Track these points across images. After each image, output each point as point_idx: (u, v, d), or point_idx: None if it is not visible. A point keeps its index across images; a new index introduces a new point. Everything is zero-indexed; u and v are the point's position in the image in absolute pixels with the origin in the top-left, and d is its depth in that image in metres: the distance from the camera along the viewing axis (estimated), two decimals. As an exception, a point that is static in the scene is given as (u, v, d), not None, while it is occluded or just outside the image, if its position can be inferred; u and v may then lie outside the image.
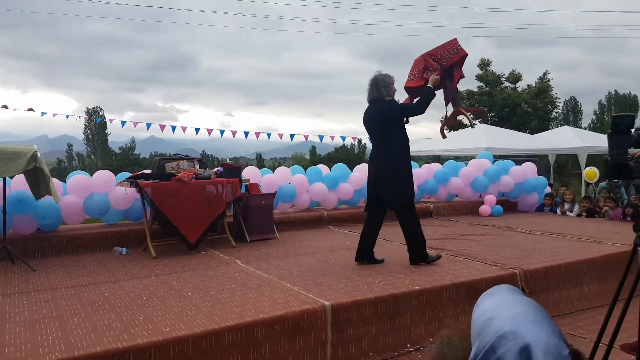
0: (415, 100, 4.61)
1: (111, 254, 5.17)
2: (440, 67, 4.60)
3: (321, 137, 15.48)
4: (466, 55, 4.70)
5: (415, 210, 4.58)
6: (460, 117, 5.00)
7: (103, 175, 5.92)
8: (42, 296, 3.57)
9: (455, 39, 4.74)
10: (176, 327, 2.83)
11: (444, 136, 5.37)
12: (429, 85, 4.46)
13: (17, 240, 5.01)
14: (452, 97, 4.81)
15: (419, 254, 4.48)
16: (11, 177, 5.09)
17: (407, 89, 4.76)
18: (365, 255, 4.56)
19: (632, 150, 2.10)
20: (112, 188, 5.77)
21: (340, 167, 7.80)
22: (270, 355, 2.98)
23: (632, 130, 2.05)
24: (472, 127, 6.00)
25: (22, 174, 4.69)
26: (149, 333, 2.74)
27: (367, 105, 4.60)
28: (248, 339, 2.91)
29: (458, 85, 4.93)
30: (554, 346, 0.84)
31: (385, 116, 4.44)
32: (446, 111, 4.91)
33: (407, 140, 4.50)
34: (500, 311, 0.93)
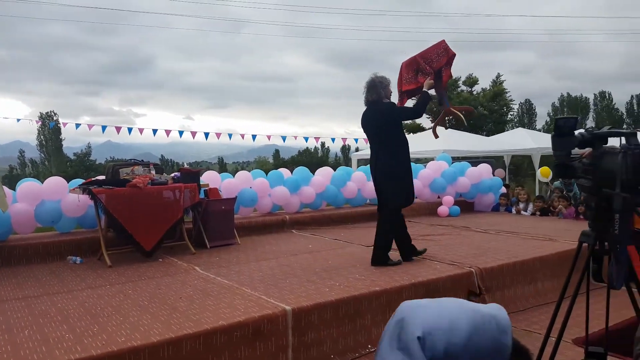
0: (412, 103, 4.74)
1: (64, 264, 4.99)
2: (432, 69, 4.69)
3: (284, 138, 15.41)
4: (454, 55, 4.80)
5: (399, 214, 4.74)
6: (450, 117, 5.11)
7: (54, 182, 5.71)
8: (-10, 309, 3.41)
9: (444, 40, 4.84)
10: (132, 337, 2.76)
11: (436, 136, 5.48)
12: (424, 89, 4.60)
13: (-38, 252, 4.77)
14: (440, 97, 4.92)
15: (383, 258, 4.55)
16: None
17: (404, 92, 4.83)
18: (406, 252, 4.70)
19: (580, 151, 2.19)
20: (64, 195, 5.57)
21: (301, 170, 7.80)
22: (230, 363, 2.94)
23: (577, 131, 2.14)
24: (465, 125, 6.12)
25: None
26: (103, 344, 2.66)
27: (365, 107, 4.66)
28: (207, 346, 2.86)
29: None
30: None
31: (386, 118, 4.54)
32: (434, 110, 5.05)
33: (406, 141, 4.63)
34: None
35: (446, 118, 5.19)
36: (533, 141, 13.68)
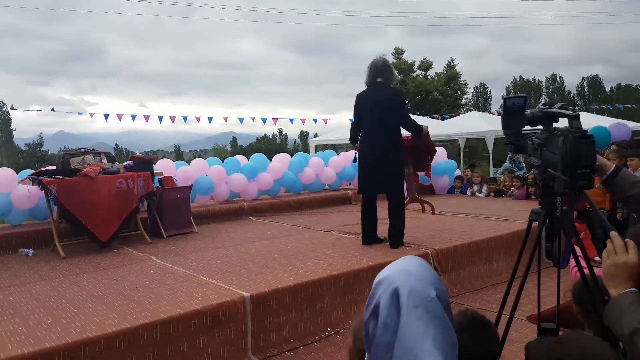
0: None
1: (16, 256, 4.85)
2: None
3: (241, 120, 15.16)
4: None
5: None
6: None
7: (2, 173, 5.50)
8: (-64, 306, 3.28)
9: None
10: (87, 328, 2.73)
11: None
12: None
13: None
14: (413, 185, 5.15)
15: (401, 237, 4.71)
16: None
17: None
18: (372, 237, 4.76)
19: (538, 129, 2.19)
20: (13, 187, 5.37)
21: (258, 157, 7.79)
22: (188, 351, 2.96)
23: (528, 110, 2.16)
24: (433, 213, 6.60)
25: None
26: (57, 336, 2.62)
27: (367, 88, 4.60)
28: (164, 335, 2.86)
29: None
30: (421, 289, 0.89)
31: (395, 105, 4.56)
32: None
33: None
34: (387, 267, 0.99)
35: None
36: (487, 124, 14.05)
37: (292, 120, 18.75)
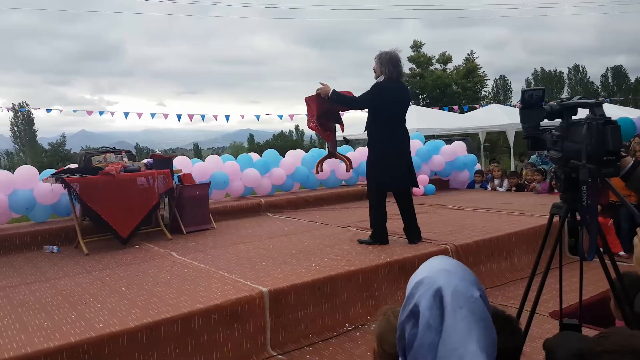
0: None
1: (41, 253, 4.97)
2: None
3: (258, 117, 15.26)
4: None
5: None
6: (332, 160, 5.29)
7: (26, 170, 5.68)
8: (-33, 301, 3.39)
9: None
10: (110, 323, 2.79)
11: (317, 172, 5.55)
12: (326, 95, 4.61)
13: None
14: (332, 141, 5.06)
15: (419, 231, 4.69)
16: None
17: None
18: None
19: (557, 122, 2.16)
20: (36, 183, 5.52)
21: (270, 152, 7.88)
22: (208, 345, 3.00)
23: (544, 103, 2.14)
24: (348, 171, 6.47)
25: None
26: (81, 331, 2.69)
27: (390, 82, 4.45)
28: (185, 330, 2.91)
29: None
30: (465, 289, 0.91)
31: (409, 99, 4.65)
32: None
33: None
34: (422, 267, 0.99)
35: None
36: (507, 117, 13.82)
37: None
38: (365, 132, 4.65)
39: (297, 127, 54.14)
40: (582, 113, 2.04)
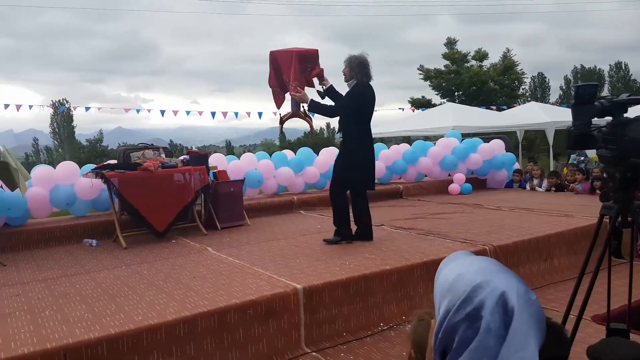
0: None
1: (81, 246, 5.10)
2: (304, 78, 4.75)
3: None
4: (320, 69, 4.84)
5: None
6: (295, 119, 5.15)
7: (67, 166, 5.84)
8: (13, 290, 3.52)
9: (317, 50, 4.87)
10: (148, 315, 2.83)
11: (281, 131, 5.45)
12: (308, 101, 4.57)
13: (-16, 237, 4.90)
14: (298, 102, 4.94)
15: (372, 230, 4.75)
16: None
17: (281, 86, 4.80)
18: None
19: (608, 119, 2.09)
20: (76, 179, 5.68)
21: (305, 150, 7.83)
22: (244, 340, 3.01)
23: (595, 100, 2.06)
24: (311, 133, 6.24)
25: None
26: (121, 323, 2.73)
27: (368, 85, 4.56)
28: (221, 324, 2.92)
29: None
30: (524, 292, 0.90)
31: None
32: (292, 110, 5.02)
33: None
34: (467, 268, 0.96)
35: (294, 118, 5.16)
36: (546, 115, 13.41)
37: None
38: (340, 132, 4.67)
39: (328, 125, 54.17)
40: (632, 112, 1.96)
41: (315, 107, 4.61)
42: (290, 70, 4.66)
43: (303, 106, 4.77)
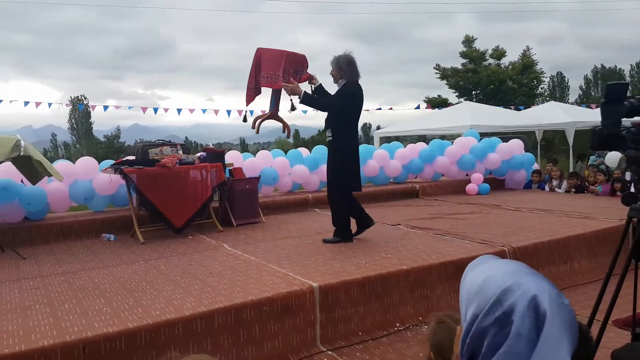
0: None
1: (99, 241, 5.16)
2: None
3: (305, 111, 15.31)
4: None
5: None
6: (271, 121, 5.08)
7: (86, 161, 5.91)
8: (33, 283, 3.57)
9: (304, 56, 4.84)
10: (166, 310, 2.85)
11: (252, 125, 5.32)
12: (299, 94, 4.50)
13: (5, 230, 4.99)
14: (277, 99, 4.86)
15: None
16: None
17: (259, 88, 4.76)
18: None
19: (636, 119, 2.04)
20: (95, 174, 5.74)
21: (320, 148, 7.79)
22: (260, 337, 3.01)
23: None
24: (288, 138, 6.10)
25: (13, 164, 4.73)
26: (139, 317, 2.75)
27: (358, 83, 4.55)
28: (237, 320, 2.93)
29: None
30: (557, 295, 0.88)
31: None
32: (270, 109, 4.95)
33: None
34: (495, 271, 0.94)
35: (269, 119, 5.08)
36: (567, 115, 13.20)
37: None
38: (329, 131, 4.59)
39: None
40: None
41: (308, 100, 4.53)
42: (280, 68, 4.64)
43: (291, 100, 4.70)
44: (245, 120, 5.21)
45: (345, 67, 4.46)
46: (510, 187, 8.82)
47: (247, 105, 4.96)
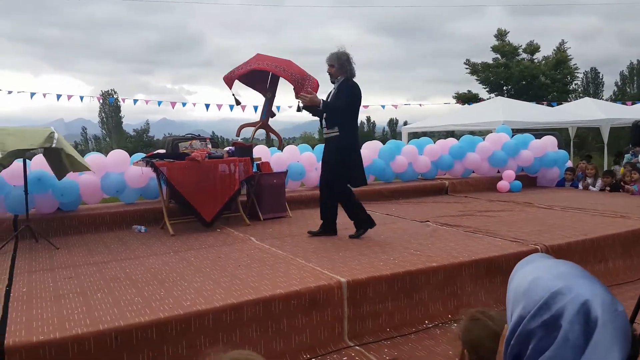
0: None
1: (130, 232, 5.26)
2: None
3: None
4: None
5: None
6: (261, 130, 5.05)
7: (118, 154, 6.02)
8: (66, 273, 3.65)
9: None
10: (196, 301, 2.87)
11: (237, 132, 5.24)
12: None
13: (39, 220, 5.13)
14: (268, 109, 4.82)
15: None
16: (29, 159, 5.20)
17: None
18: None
19: None
20: (127, 167, 5.84)
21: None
22: (288, 330, 3.01)
23: None
24: (279, 148, 5.95)
25: (43, 156, 4.84)
26: (170, 307, 2.78)
27: (354, 81, 4.57)
28: (266, 313, 2.93)
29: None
30: (610, 302, 0.84)
31: None
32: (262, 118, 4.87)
33: None
34: (546, 272, 0.91)
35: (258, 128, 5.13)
36: (602, 112, 12.81)
37: (383, 107, 18.54)
38: (335, 128, 4.52)
39: (368, 119, 53.80)
40: None
41: (328, 108, 4.53)
42: (305, 76, 4.68)
43: (299, 105, 4.75)
44: (238, 103, 5.21)
45: (347, 64, 4.49)
46: (543, 184, 8.62)
47: (227, 84, 4.96)
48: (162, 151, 5.82)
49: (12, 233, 4.80)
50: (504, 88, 28.78)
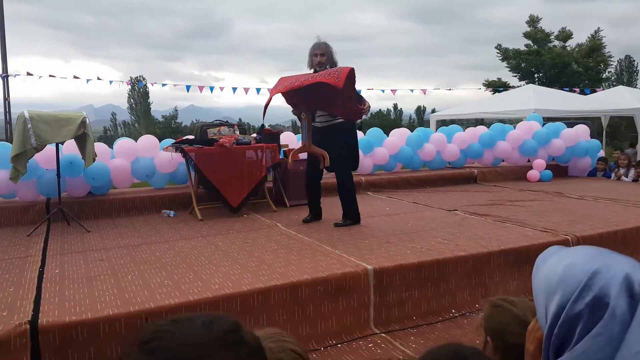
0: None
1: (160, 217, 5.35)
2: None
3: (359, 91, 15.17)
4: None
5: None
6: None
7: (148, 140, 6.09)
8: (97, 255, 3.73)
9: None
10: (224, 285, 2.91)
11: (291, 166, 5.00)
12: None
13: (71, 204, 5.25)
14: (307, 130, 4.68)
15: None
16: (62, 143, 5.31)
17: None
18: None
19: None
20: (156, 152, 5.92)
21: (375, 131, 7.66)
22: (314, 315, 3.02)
23: None
24: (325, 168, 5.49)
25: (73, 140, 4.88)
26: (199, 290, 2.83)
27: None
28: (293, 298, 2.95)
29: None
30: None
31: None
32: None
33: None
34: (577, 257, 0.90)
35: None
36: (637, 101, 12.37)
37: (412, 90, 18.28)
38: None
39: (395, 106, 53.30)
40: None
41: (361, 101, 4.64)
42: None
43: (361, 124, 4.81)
44: (291, 157, 4.97)
45: (333, 55, 4.64)
46: (574, 174, 8.42)
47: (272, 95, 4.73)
48: (191, 137, 5.88)
49: (45, 216, 4.94)
50: (535, 76, 28.04)
